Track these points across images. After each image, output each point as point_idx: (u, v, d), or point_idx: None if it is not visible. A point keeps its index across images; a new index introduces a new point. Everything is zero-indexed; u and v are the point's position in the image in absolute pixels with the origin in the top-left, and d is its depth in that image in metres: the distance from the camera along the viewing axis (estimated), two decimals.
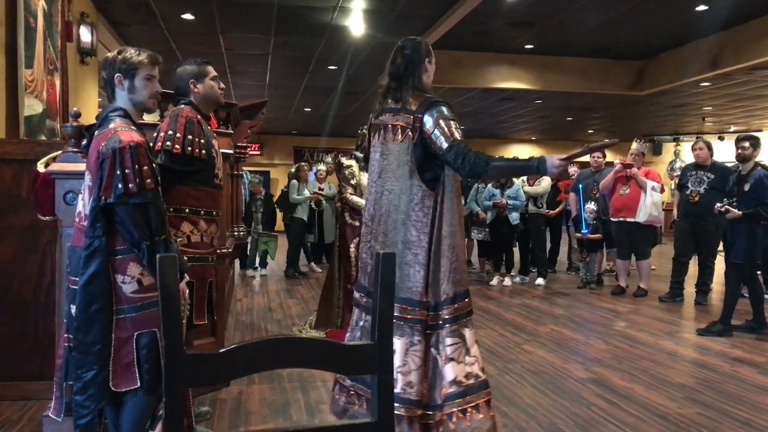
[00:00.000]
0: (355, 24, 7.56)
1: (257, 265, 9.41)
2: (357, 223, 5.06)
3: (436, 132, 2.77)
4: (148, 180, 2.23)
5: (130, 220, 2.21)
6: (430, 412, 2.77)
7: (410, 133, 2.83)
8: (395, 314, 2.71)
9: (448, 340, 2.82)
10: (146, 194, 2.22)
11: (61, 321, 2.81)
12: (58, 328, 2.91)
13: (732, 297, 5.35)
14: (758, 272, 5.53)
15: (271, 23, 7.90)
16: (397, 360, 2.73)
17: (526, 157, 2.85)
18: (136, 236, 2.22)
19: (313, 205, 9.12)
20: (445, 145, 2.74)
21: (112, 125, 2.29)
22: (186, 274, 2.52)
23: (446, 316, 2.83)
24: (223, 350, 1.19)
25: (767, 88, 11.11)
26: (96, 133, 2.33)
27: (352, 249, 5.05)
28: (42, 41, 4.77)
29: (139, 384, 2.24)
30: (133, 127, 2.32)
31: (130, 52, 2.39)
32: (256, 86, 11.79)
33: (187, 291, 2.64)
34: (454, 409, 2.74)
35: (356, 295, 3.10)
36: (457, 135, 2.76)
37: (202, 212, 2.77)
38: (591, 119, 15.25)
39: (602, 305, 6.74)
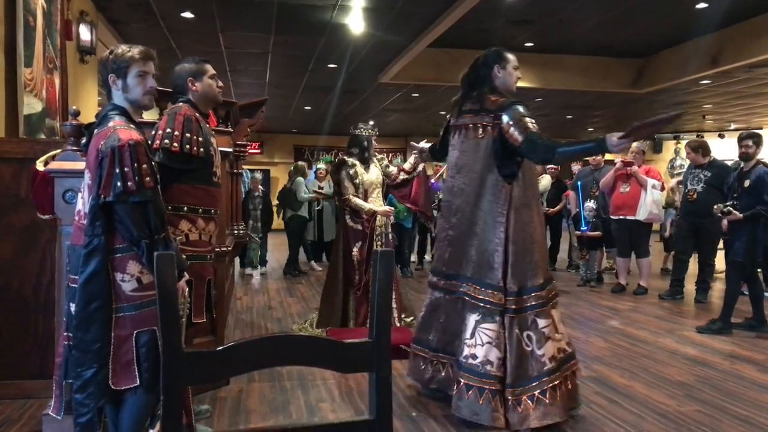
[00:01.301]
0: (355, 22, 7.55)
1: (257, 263, 9.41)
2: (359, 227, 4.98)
3: (512, 129, 3.12)
4: (147, 178, 2.23)
5: (130, 218, 2.21)
6: (510, 389, 3.06)
7: (490, 131, 3.20)
8: (471, 294, 3.17)
9: (542, 322, 3.18)
10: (145, 193, 2.23)
11: (61, 320, 2.81)
12: (57, 327, 2.91)
13: (732, 295, 5.35)
14: (758, 270, 5.53)
15: (271, 22, 7.89)
16: (467, 333, 3.15)
17: (588, 140, 3.22)
18: (135, 234, 2.22)
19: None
20: (520, 138, 3.08)
21: (111, 123, 2.29)
22: (185, 273, 2.53)
23: (533, 303, 3.17)
24: (220, 348, 1.19)
25: (767, 86, 11.10)
26: (95, 131, 2.33)
27: (355, 252, 4.98)
28: (41, 40, 4.77)
29: (138, 382, 2.25)
30: (132, 126, 2.32)
31: (121, 50, 2.37)
32: (256, 85, 11.78)
33: (187, 289, 2.65)
34: (548, 386, 3.08)
35: (433, 278, 3.47)
36: (531, 128, 3.10)
37: (201, 210, 2.77)
38: (591, 117, 15.25)
39: (602, 303, 6.74)
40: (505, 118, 3.15)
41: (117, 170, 2.19)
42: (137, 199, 2.22)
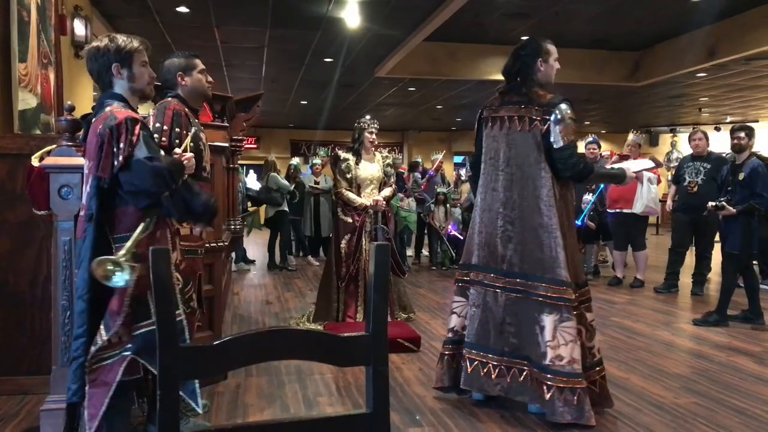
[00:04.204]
0: (351, 16, 7.53)
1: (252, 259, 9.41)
2: (349, 219, 5.05)
3: (557, 128, 3.10)
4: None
5: (138, 177, 2.17)
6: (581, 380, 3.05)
7: (539, 125, 3.15)
8: (543, 293, 3.07)
9: (590, 316, 3.27)
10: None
11: (58, 316, 2.80)
12: (54, 323, 2.90)
13: (728, 287, 5.36)
14: (754, 262, 5.54)
15: (267, 16, 7.86)
16: (546, 334, 3.04)
17: (613, 171, 3.72)
18: (150, 186, 2.19)
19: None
20: (560, 143, 3.11)
21: (108, 108, 2.29)
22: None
23: (587, 296, 3.25)
24: (217, 342, 1.19)
25: (764, 79, 11.10)
26: (93, 120, 2.34)
27: (343, 244, 5.02)
28: (36, 35, 4.74)
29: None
30: (130, 110, 2.32)
31: (123, 40, 2.37)
32: (252, 79, 11.74)
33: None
34: (597, 377, 3.17)
35: (482, 276, 3.26)
36: (569, 139, 3.12)
37: None
38: (588, 111, 15.24)
39: (599, 296, 6.74)
40: (553, 116, 3.12)
41: (114, 149, 2.17)
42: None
